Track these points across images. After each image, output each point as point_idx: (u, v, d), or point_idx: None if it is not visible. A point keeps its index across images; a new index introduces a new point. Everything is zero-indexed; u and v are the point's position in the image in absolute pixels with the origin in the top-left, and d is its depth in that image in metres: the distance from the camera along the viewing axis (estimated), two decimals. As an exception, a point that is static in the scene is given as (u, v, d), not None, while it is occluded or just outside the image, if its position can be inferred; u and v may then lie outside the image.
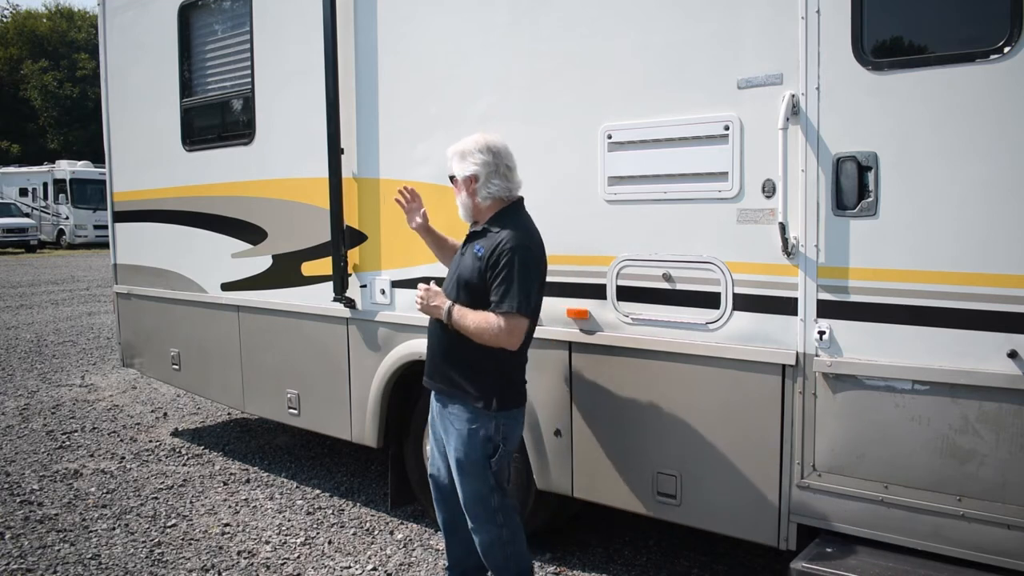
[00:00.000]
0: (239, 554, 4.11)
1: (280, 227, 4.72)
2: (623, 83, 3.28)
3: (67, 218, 30.18)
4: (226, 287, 5.10)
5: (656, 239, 3.24)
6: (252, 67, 4.76)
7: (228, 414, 6.81)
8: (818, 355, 2.87)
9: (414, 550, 4.12)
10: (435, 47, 3.88)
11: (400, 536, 4.29)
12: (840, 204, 2.79)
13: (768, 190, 2.94)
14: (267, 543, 4.24)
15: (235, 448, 5.90)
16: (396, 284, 4.11)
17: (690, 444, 3.22)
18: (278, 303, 4.75)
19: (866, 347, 2.79)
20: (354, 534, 4.34)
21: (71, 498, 4.91)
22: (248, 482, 5.17)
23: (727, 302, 3.08)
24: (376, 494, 4.89)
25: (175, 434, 6.28)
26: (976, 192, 2.56)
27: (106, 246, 7.11)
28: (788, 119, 2.83)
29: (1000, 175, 2.52)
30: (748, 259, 3.02)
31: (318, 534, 4.35)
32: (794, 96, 2.84)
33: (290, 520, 4.54)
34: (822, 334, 2.86)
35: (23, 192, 31.49)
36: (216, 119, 5.19)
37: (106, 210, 6.34)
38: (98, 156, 10.89)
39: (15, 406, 7.15)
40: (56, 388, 7.84)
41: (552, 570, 3.87)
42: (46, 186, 30.78)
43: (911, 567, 2.70)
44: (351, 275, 4.31)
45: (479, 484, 3.11)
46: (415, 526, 4.41)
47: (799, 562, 2.79)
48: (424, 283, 3.17)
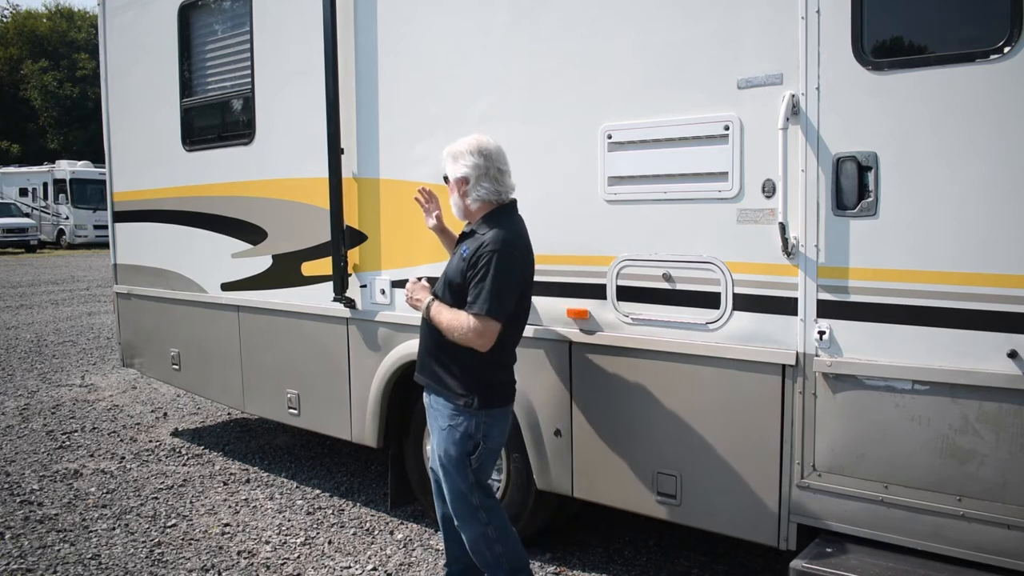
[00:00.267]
0: (239, 554, 4.11)
1: (280, 227, 4.72)
2: (623, 83, 3.28)
3: (67, 218, 30.18)
4: (226, 287, 5.10)
5: (656, 239, 3.24)
6: (252, 67, 4.76)
7: (228, 414, 6.81)
8: (818, 355, 2.88)
9: (414, 550, 4.12)
10: (435, 47, 3.88)
11: (400, 536, 4.29)
12: (840, 204, 2.79)
13: (768, 190, 2.94)
14: (267, 543, 4.24)
15: (235, 448, 5.90)
16: (396, 284, 4.11)
17: (690, 444, 3.22)
18: (278, 303, 4.75)
19: (866, 347, 2.79)
20: (354, 534, 4.34)
21: (71, 498, 4.91)
22: (248, 482, 5.17)
23: (727, 302, 3.08)
24: (376, 494, 4.89)
25: (175, 434, 6.28)
26: (976, 192, 2.56)
27: (106, 246, 7.11)
28: (788, 119, 2.83)
29: (1000, 175, 2.52)
30: (748, 259, 3.02)
31: (318, 534, 4.35)
32: (794, 96, 2.84)
33: (290, 520, 4.54)
34: (822, 334, 2.86)
35: (23, 192, 31.49)
36: (216, 119, 5.19)
37: (106, 210, 6.34)
38: (98, 156, 10.89)
39: (15, 406, 7.15)
40: (56, 388, 7.84)
41: (552, 570, 3.87)
42: (46, 186, 30.78)
43: (911, 567, 2.70)
44: (351, 275, 4.31)
45: (459, 481, 3.13)
46: (415, 526, 4.41)
47: (799, 562, 2.79)
48: (419, 280, 3.22)
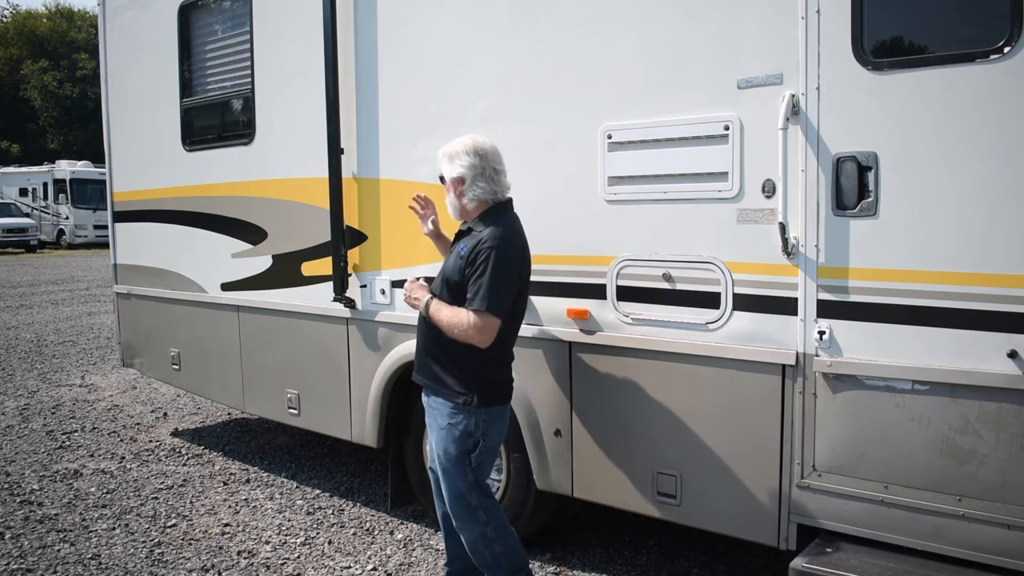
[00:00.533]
0: (239, 554, 4.11)
1: (280, 227, 4.72)
2: (623, 83, 3.28)
3: (67, 218, 30.18)
4: (226, 287, 5.10)
5: (656, 239, 3.24)
6: (252, 67, 4.76)
7: (228, 414, 6.81)
8: (818, 355, 2.87)
9: (414, 550, 4.12)
10: (435, 47, 3.88)
11: (400, 536, 4.29)
12: (840, 204, 2.79)
13: (768, 190, 2.94)
14: (267, 543, 4.24)
15: (235, 448, 5.90)
16: (396, 284, 4.11)
17: (690, 444, 3.22)
18: (278, 303, 4.75)
19: (866, 347, 2.79)
20: (354, 534, 4.34)
21: (71, 498, 4.91)
22: (248, 482, 5.17)
23: (727, 302, 3.08)
24: (376, 494, 4.89)
25: (175, 434, 6.28)
26: (976, 192, 2.56)
27: (106, 246, 7.11)
28: (788, 119, 2.83)
29: (1000, 175, 2.52)
30: (748, 259, 3.02)
31: (318, 534, 4.35)
32: (794, 96, 2.84)
33: (290, 520, 4.54)
34: (822, 334, 2.86)
35: (23, 192, 31.49)
36: (216, 119, 5.19)
37: (106, 210, 6.34)
38: (98, 156, 10.89)
39: (15, 406, 7.15)
40: (56, 388, 7.84)
41: (552, 570, 3.87)
42: (46, 186, 30.77)
43: (911, 567, 2.70)
44: (351, 275, 4.31)
45: (459, 480, 3.14)
46: (415, 526, 4.41)
47: (799, 562, 2.79)
48: (416, 280, 3.23)
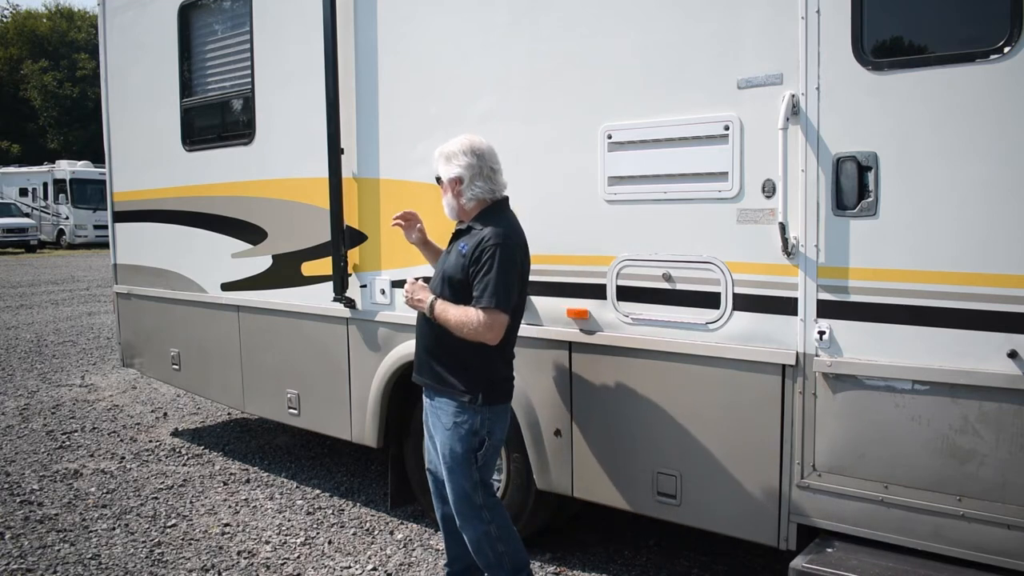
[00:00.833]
0: (239, 554, 4.11)
1: (280, 227, 4.72)
2: (623, 83, 3.28)
3: (67, 218, 30.17)
4: (226, 287, 5.10)
5: (656, 239, 3.24)
6: (252, 67, 4.76)
7: (228, 414, 6.81)
8: (818, 355, 2.87)
9: (414, 550, 4.12)
10: (435, 47, 3.88)
11: (400, 536, 4.29)
12: (840, 204, 2.79)
13: (768, 190, 2.94)
14: (267, 543, 4.24)
15: (235, 448, 5.90)
16: (396, 284, 4.11)
17: (690, 444, 3.22)
18: (278, 303, 4.75)
19: (866, 347, 2.79)
20: (354, 534, 4.34)
21: (71, 498, 4.91)
22: (248, 482, 5.17)
23: (727, 302, 3.08)
24: (376, 494, 4.89)
25: (175, 434, 6.28)
26: (976, 192, 2.56)
27: (106, 246, 7.11)
28: (788, 119, 2.83)
29: (1000, 175, 2.52)
30: (748, 259, 3.02)
31: (318, 534, 4.35)
32: (794, 96, 2.84)
33: (290, 520, 4.54)
34: (822, 334, 2.86)
35: (23, 192, 31.48)
36: (216, 119, 5.19)
37: (106, 210, 6.34)
38: (98, 156, 10.90)
39: (15, 406, 7.15)
40: (56, 388, 7.84)
41: (552, 570, 3.87)
42: (46, 186, 30.77)
43: (911, 567, 2.70)
44: (351, 275, 4.31)
45: (464, 480, 3.14)
46: (415, 526, 4.41)
47: (799, 562, 2.79)
48: (416, 280, 3.22)
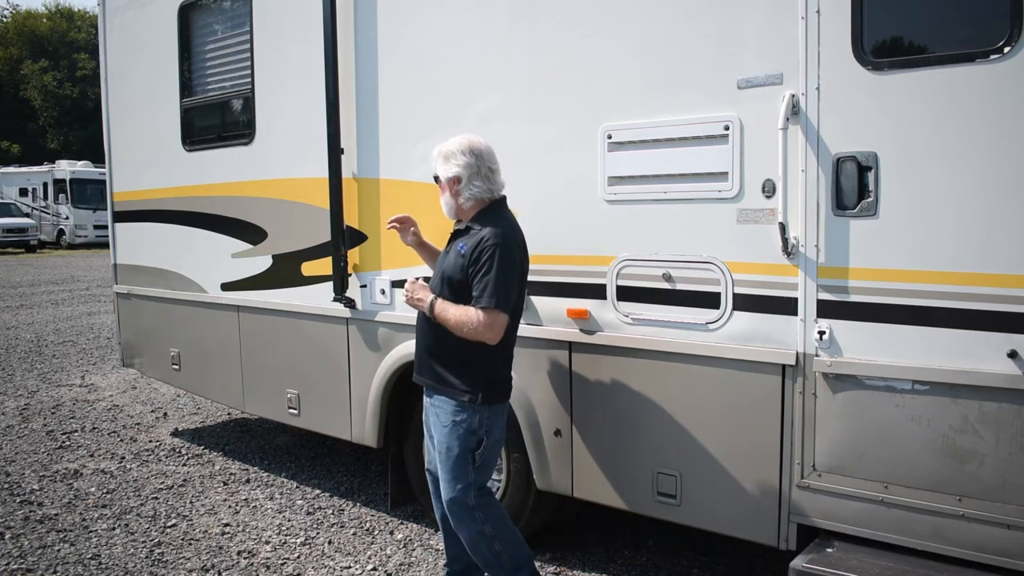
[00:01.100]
0: (239, 554, 4.11)
1: (280, 227, 4.72)
2: (623, 83, 3.28)
3: (67, 218, 30.17)
4: (226, 287, 5.10)
5: (656, 239, 3.24)
6: (252, 67, 4.76)
7: (228, 414, 6.81)
8: (818, 355, 2.87)
9: (414, 550, 4.12)
10: (435, 47, 3.88)
11: (400, 536, 4.29)
12: (840, 204, 2.79)
13: (768, 190, 2.94)
14: (267, 543, 4.24)
15: (235, 448, 5.90)
16: (396, 284, 4.11)
17: (690, 444, 3.22)
18: (278, 303, 4.75)
19: (866, 347, 2.79)
20: (354, 534, 4.34)
21: (71, 498, 4.91)
22: (248, 482, 5.17)
23: (727, 302, 3.08)
24: (376, 494, 4.89)
25: (175, 434, 6.28)
26: (976, 192, 2.56)
27: (106, 246, 7.11)
28: (788, 119, 2.83)
29: (1000, 175, 2.52)
30: (748, 259, 3.02)
31: (318, 534, 4.35)
32: (794, 96, 2.84)
33: (290, 520, 4.54)
34: (822, 334, 2.86)
35: (23, 192, 31.48)
36: (216, 119, 5.19)
37: (106, 210, 6.34)
38: (98, 156, 10.90)
39: (15, 406, 7.15)
40: (56, 388, 7.84)
41: (552, 570, 3.87)
42: (46, 186, 30.77)
43: (911, 567, 2.70)
44: (351, 275, 4.31)
45: (459, 480, 3.13)
46: (415, 526, 4.41)
47: (799, 562, 2.79)
48: (417, 280, 3.23)
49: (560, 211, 3.50)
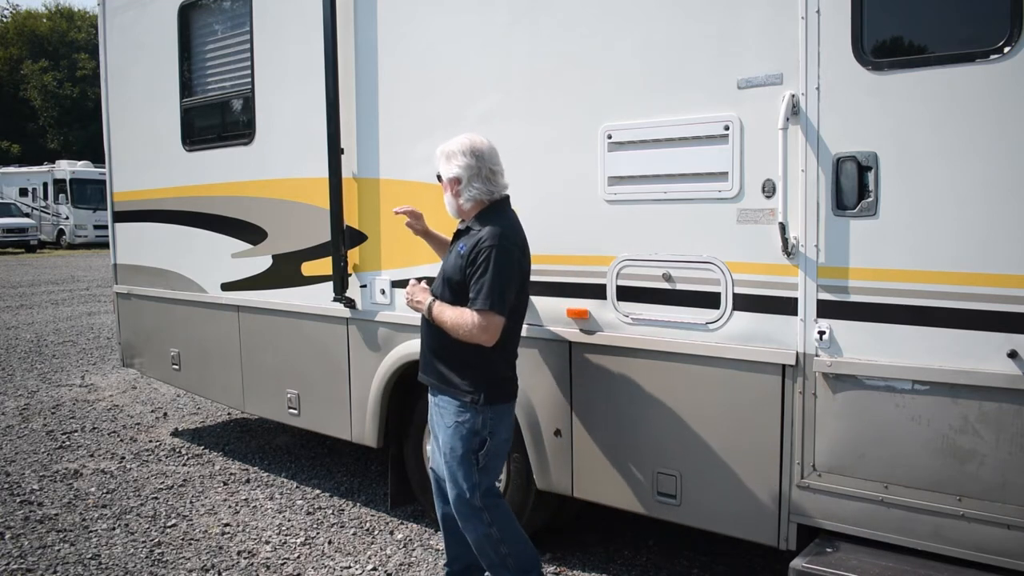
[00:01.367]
0: (239, 554, 4.11)
1: (280, 227, 4.72)
2: (623, 83, 3.28)
3: (67, 218, 30.18)
4: (226, 287, 5.10)
5: (656, 239, 3.24)
6: (252, 67, 4.76)
7: (228, 414, 6.81)
8: (818, 355, 2.87)
9: (414, 550, 4.12)
10: (435, 47, 3.88)
11: (400, 536, 4.29)
12: (840, 204, 2.79)
13: (768, 190, 2.94)
14: (267, 543, 4.24)
15: (235, 448, 5.90)
16: (396, 284, 4.11)
17: (690, 444, 3.22)
18: (278, 303, 4.75)
19: (866, 347, 2.79)
20: (354, 534, 4.34)
21: (71, 498, 4.91)
22: (248, 482, 5.17)
23: (727, 302, 3.08)
24: (376, 494, 4.89)
25: (175, 434, 6.28)
26: (976, 192, 2.56)
27: (106, 246, 7.11)
28: (788, 119, 2.83)
29: (1000, 175, 2.52)
30: (748, 259, 3.02)
31: (318, 534, 4.35)
32: (794, 96, 2.84)
33: (290, 520, 4.54)
34: (822, 334, 2.86)
35: (23, 192, 31.49)
36: (216, 119, 5.19)
37: (106, 210, 6.34)
38: (98, 156, 10.90)
39: (15, 406, 7.15)
40: (56, 388, 7.84)
41: (552, 570, 3.87)
42: (46, 186, 30.77)
43: (911, 567, 2.70)
44: (351, 275, 4.31)
45: (464, 480, 3.13)
46: (415, 526, 4.41)
47: (799, 562, 2.79)
48: (418, 282, 3.24)
49: (560, 211, 3.50)
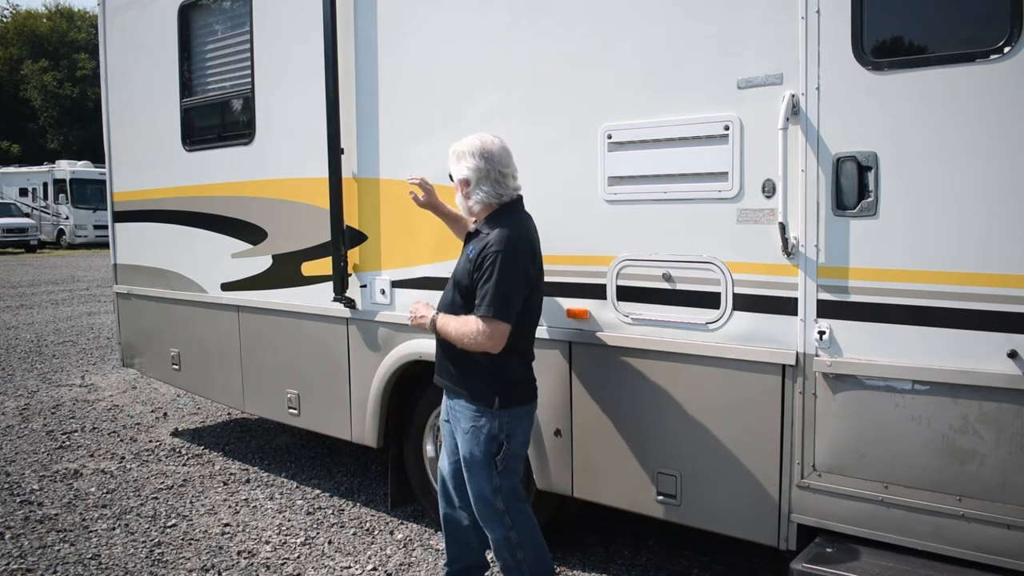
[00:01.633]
0: (239, 554, 4.11)
1: (280, 227, 4.72)
2: (623, 83, 3.28)
3: (67, 218, 30.18)
4: (226, 287, 5.10)
5: (656, 239, 3.24)
6: (252, 67, 4.76)
7: (228, 414, 6.81)
8: (818, 355, 2.87)
9: (414, 550, 4.12)
10: (435, 47, 3.88)
11: (400, 536, 4.29)
12: (840, 204, 2.79)
13: (768, 190, 2.94)
14: (267, 543, 4.24)
15: (235, 448, 5.90)
16: (396, 284, 4.11)
17: (690, 444, 3.22)
18: (278, 303, 4.75)
19: (866, 347, 2.79)
20: (354, 534, 4.34)
21: (71, 498, 4.91)
22: (248, 482, 5.17)
23: (727, 302, 3.08)
24: (376, 494, 4.89)
25: (175, 434, 6.28)
26: (976, 192, 2.56)
27: (106, 246, 7.11)
28: (788, 119, 2.83)
29: (1000, 175, 2.52)
30: (748, 259, 3.01)
31: (318, 534, 4.35)
32: (794, 96, 2.84)
33: (290, 520, 4.54)
34: (822, 334, 2.86)
35: (23, 192, 31.49)
36: (216, 119, 5.19)
37: (106, 210, 6.34)
38: (98, 156, 10.90)
39: (15, 406, 7.15)
40: (56, 388, 7.84)
41: (552, 570, 3.87)
42: (46, 186, 30.78)
43: (911, 567, 2.70)
44: (351, 275, 4.31)
45: (483, 483, 3.12)
46: (415, 526, 4.41)
47: (799, 562, 2.79)
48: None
49: (560, 211, 3.50)
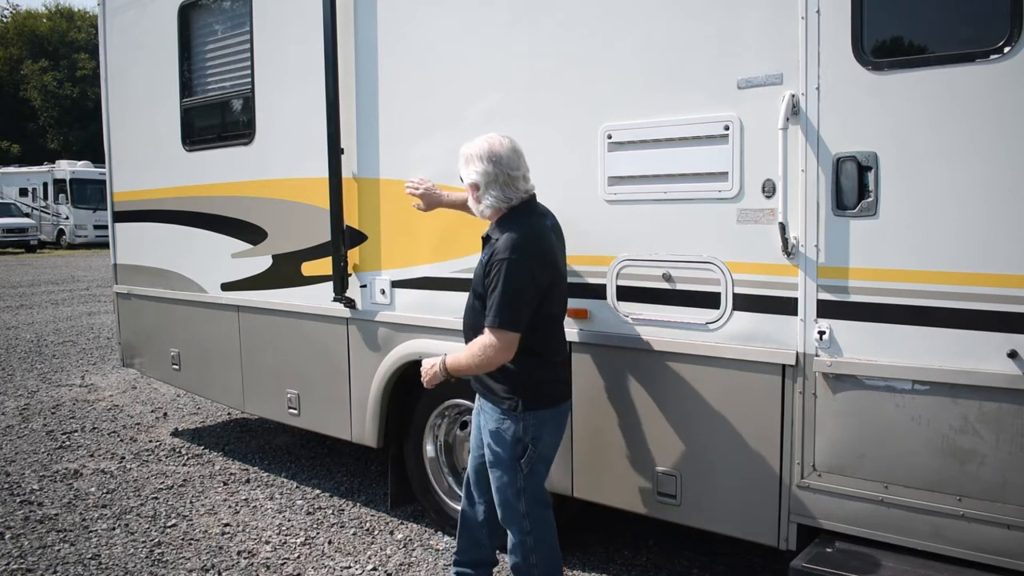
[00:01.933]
0: (239, 554, 4.11)
1: (280, 227, 4.72)
2: (623, 83, 3.28)
3: (67, 218, 30.19)
4: (226, 287, 5.10)
5: (656, 239, 3.24)
6: (252, 67, 4.76)
7: (228, 414, 6.81)
8: (818, 355, 2.87)
9: (414, 550, 4.12)
10: (435, 47, 3.88)
11: (400, 536, 4.29)
12: (840, 204, 2.79)
13: (768, 190, 2.94)
14: (267, 543, 4.24)
15: (235, 448, 5.90)
16: (396, 284, 4.11)
17: (690, 444, 3.22)
18: (278, 303, 4.75)
19: (866, 347, 2.79)
20: (354, 534, 4.34)
21: (71, 498, 4.91)
22: (248, 482, 5.17)
23: (727, 302, 3.08)
24: (376, 494, 4.89)
25: (175, 434, 6.28)
26: (976, 192, 2.56)
27: (106, 246, 7.11)
28: (788, 119, 2.83)
29: (1000, 175, 2.52)
30: (748, 259, 3.01)
31: (318, 534, 4.35)
32: (794, 96, 2.84)
33: (290, 520, 4.54)
34: (822, 334, 2.86)
35: (23, 192, 31.50)
36: (216, 119, 5.19)
37: (106, 210, 6.34)
38: (98, 156, 10.91)
39: (15, 406, 7.15)
40: (56, 388, 7.84)
41: (552, 570, 3.87)
42: (46, 186, 30.79)
43: (911, 567, 2.70)
44: (351, 275, 4.31)
45: (507, 485, 3.11)
46: (415, 526, 4.41)
47: (799, 562, 2.79)
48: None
49: (560, 211, 3.48)
